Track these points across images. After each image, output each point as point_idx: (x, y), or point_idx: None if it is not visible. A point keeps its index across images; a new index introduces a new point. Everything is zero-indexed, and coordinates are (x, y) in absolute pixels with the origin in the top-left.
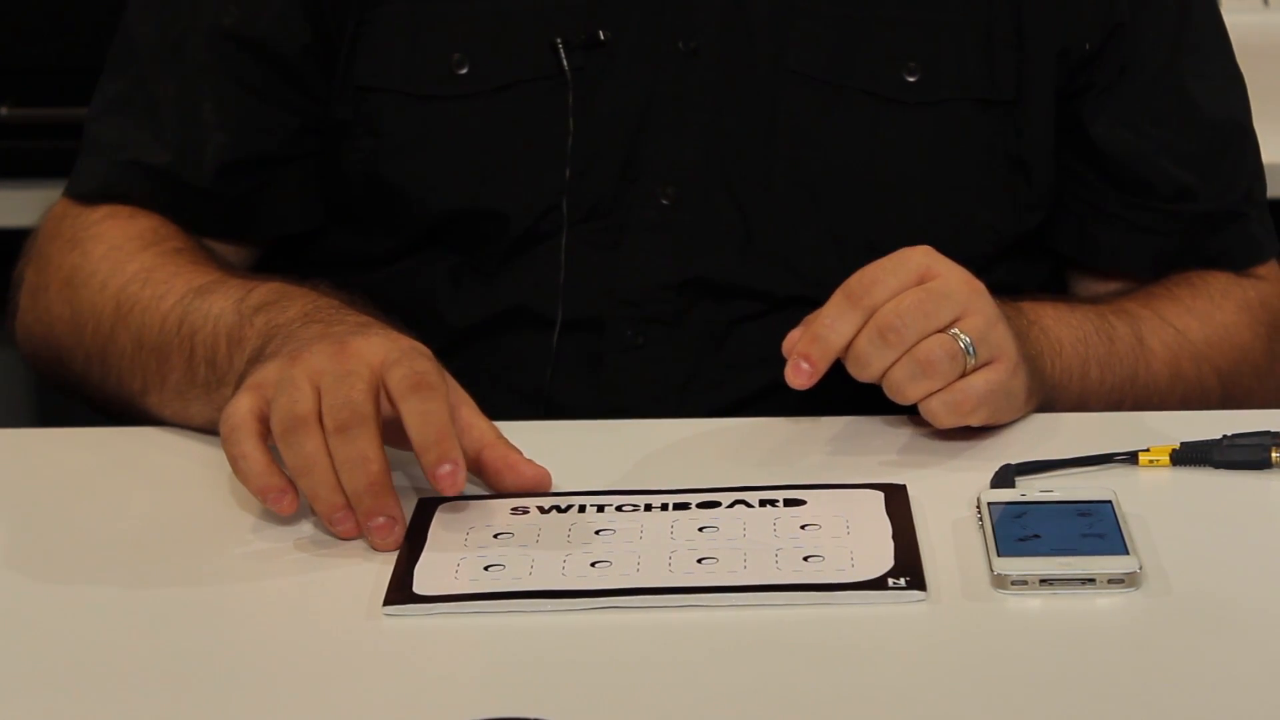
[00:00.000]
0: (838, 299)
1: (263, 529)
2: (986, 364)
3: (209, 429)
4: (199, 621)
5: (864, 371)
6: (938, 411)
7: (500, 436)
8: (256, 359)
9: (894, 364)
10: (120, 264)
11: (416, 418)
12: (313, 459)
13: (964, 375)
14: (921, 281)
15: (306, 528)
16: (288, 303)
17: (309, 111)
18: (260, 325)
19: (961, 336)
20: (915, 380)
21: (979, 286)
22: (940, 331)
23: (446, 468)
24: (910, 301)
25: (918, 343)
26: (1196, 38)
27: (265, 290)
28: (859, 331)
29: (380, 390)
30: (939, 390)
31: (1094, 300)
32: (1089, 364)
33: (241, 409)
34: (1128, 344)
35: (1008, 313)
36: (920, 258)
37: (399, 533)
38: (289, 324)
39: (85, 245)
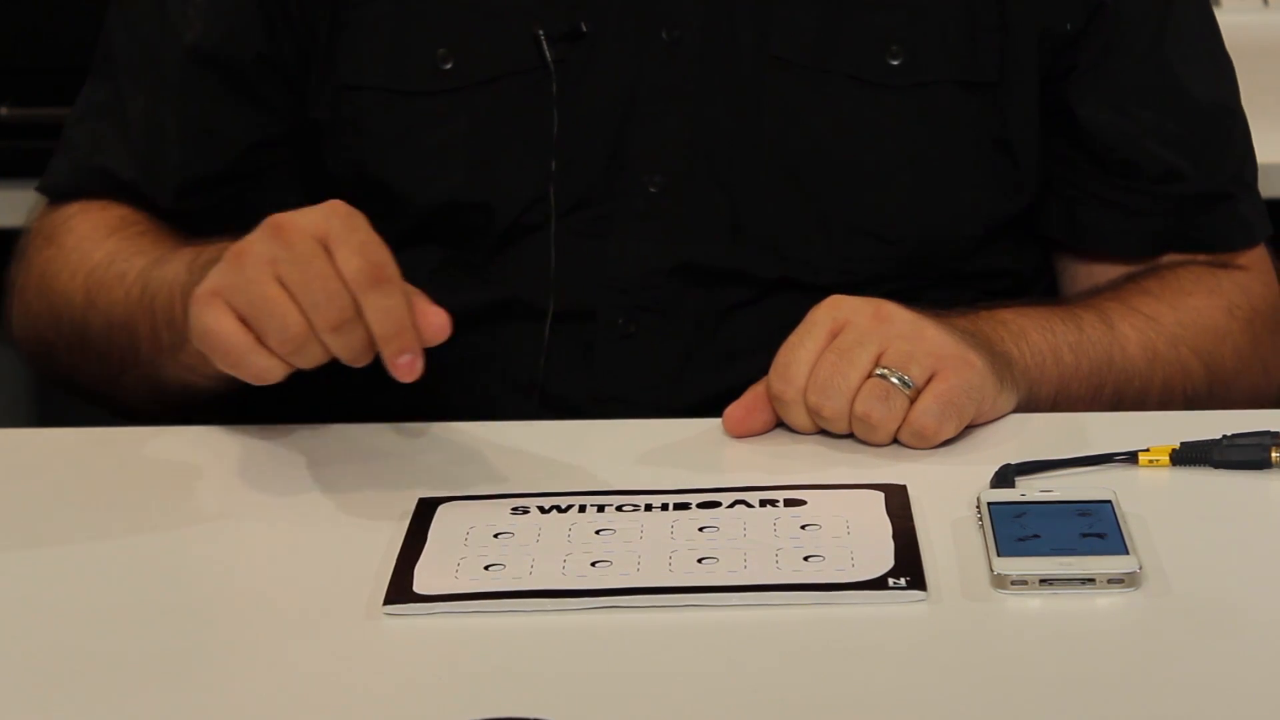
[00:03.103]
0: (768, 394)
1: (262, 528)
2: (931, 378)
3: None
4: (199, 621)
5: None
6: (912, 444)
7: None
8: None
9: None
10: (88, 252)
11: (378, 313)
12: (321, 357)
13: (915, 401)
14: (834, 335)
15: (307, 527)
16: None
17: (266, 125)
18: None
19: (890, 374)
20: (870, 433)
21: (887, 312)
22: (868, 377)
23: (406, 357)
24: (824, 373)
25: (854, 403)
26: (1181, 20)
27: (216, 248)
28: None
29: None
30: (901, 426)
31: (1081, 291)
32: (1060, 349)
33: (224, 326)
34: (1098, 330)
35: (953, 318)
36: (824, 313)
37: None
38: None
39: (58, 239)
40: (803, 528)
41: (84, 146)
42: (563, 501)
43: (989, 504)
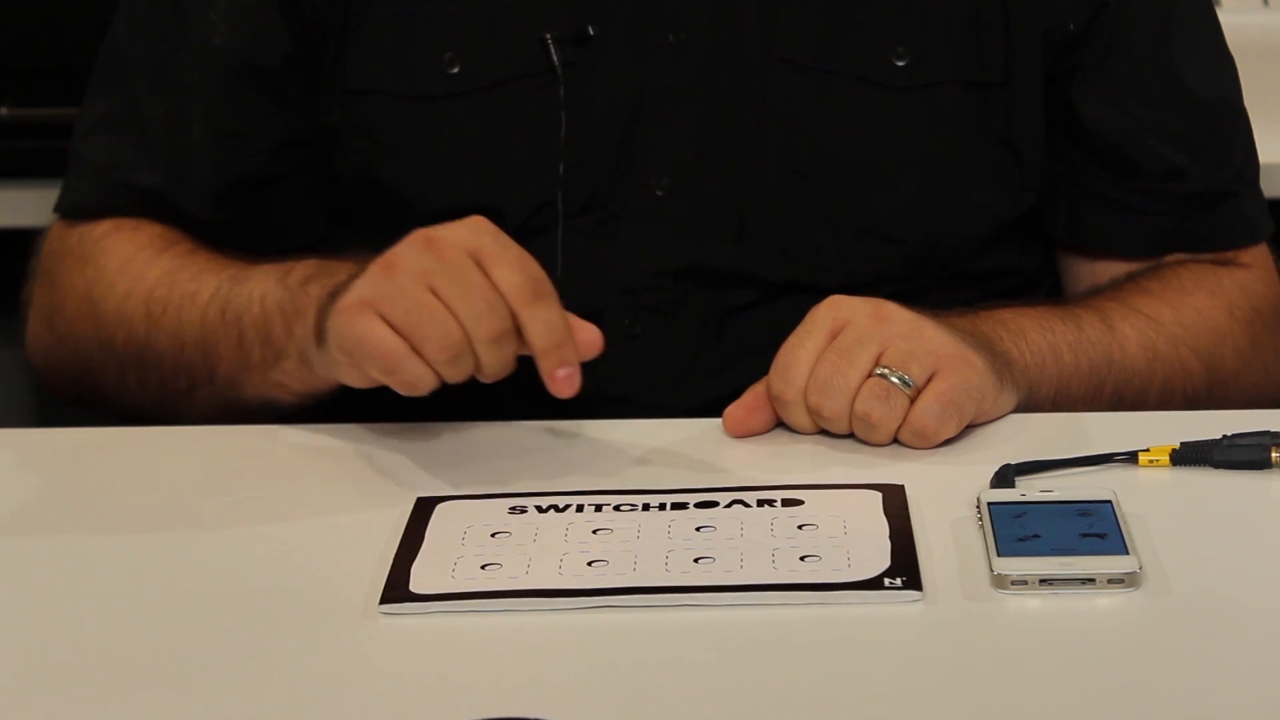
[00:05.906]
0: (768, 394)
1: (260, 527)
2: (931, 377)
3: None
4: (197, 620)
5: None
6: (912, 443)
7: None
8: (325, 312)
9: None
10: (140, 272)
11: (540, 325)
12: (469, 371)
13: (915, 400)
14: (834, 335)
15: (304, 526)
16: (335, 268)
17: (293, 126)
18: (316, 293)
19: (890, 373)
20: (871, 433)
21: (887, 312)
22: (868, 377)
23: (565, 371)
24: (824, 373)
25: (854, 403)
26: (1183, 19)
27: (305, 265)
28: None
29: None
30: (902, 426)
31: (1083, 290)
32: (1060, 348)
33: (379, 333)
34: (1097, 329)
35: (952, 317)
36: (824, 313)
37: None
38: (347, 284)
39: (96, 260)
40: (800, 527)
41: (101, 162)
42: (560, 501)
43: (989, 504)
